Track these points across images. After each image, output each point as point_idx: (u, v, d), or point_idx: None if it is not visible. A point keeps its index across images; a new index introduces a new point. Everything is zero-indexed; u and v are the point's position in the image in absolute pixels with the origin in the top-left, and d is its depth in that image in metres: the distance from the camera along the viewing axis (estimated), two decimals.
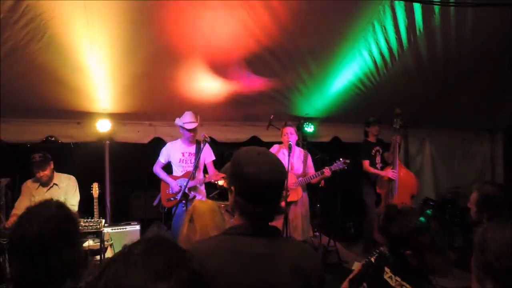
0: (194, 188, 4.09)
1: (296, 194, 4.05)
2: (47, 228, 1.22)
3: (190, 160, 4.13)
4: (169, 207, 4.14)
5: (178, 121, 4.04)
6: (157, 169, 4.15)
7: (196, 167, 3.98)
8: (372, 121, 5.03)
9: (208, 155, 4.21)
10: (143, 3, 3.25)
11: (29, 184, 3.79)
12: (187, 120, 3.99)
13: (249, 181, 1.15)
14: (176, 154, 4.13)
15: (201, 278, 0.70)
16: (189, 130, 3.98)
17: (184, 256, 0.71)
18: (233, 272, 1.10)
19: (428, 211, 1.53)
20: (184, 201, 3.88)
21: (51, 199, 1.37)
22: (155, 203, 4.32)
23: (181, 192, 3.86)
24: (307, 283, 1.14)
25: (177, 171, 4.14)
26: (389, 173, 4.63)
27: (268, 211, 1.19)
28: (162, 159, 4.15)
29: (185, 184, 3.81)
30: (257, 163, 1.17)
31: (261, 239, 1.17)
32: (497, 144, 6.76)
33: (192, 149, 4.15)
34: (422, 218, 1.50)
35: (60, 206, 1.33)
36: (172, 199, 4.11)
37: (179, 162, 4.12)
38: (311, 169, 4.24)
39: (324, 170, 3.94)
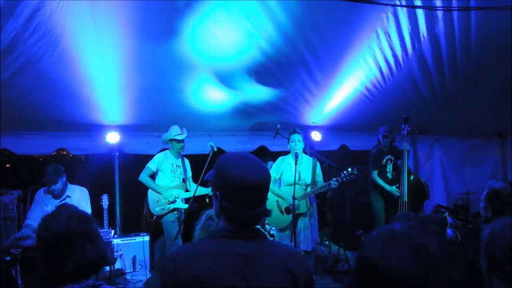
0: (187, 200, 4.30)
1: (304, 205, 4.03)
2: (72, 226, 1.34)
3: (177, 171, 4.36)
4: (159, 216, 4.21)
5: (167, 136, 4.28)
6: (146, 177, 4.25)
7: (185, 179, 4.36)
8: (381, 131, 4.96)
9: (189, 170, 4.49)
10: (150, 17, 3.34)
11: (42, 194, 3.84)
12: (177, 132, 4.25)
13: (235, 184, 1.15)
14: (168, 164, 4.31)
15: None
16: (180, 141, 4.25)
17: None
18: (216, 274, 1.09)
19: (448, 219, 1.46)
20: (179, 210, 4.22)
21: (66, 203, 1.49)
22: (145, 212, 4.38)
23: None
24: (295, 284, 1.13)
25: (167, 181, 4.28)
26: (392, 189, 4.66)
27: (255, 213, 1.18)
28: (153, 167, 4.26)
29: (180, 194, 4.25)
30: (241, 166, 1.17)
31: (247, 241, 1.17)
32: (507, 148, 6.67)
33: (179, 161, 4.40)
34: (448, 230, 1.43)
35: (76, 208, 1.46)
36: (163, 208, 4.19)
37: (170, 172, 4.31)
38: (319, 177, 4.20)
39: (331, 182, 3.88)
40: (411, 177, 4.69)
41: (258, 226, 1.29)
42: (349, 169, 3.90)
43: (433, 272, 0.65)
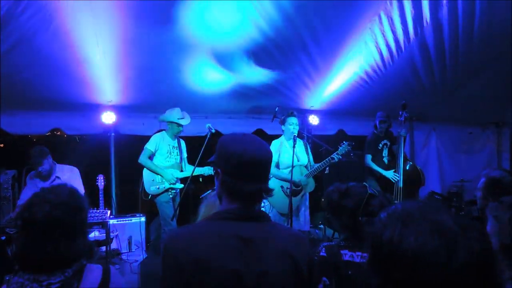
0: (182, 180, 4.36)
1: (312, 184, 4.16)
2: (55, 214, 1.25)
3: (174, 152, 4.38)
4: (153, 195, 4.24)
5: (169, 117, 4.24)
6: (146, 159, 4.23)
7: (181, 159, 4.40)
8: (379, 116, 4.96)
9: (184, 151, 4.51)
10: None
11: (32, 177, 3.81)
12: (180, 116, 4.26)
13: (236, 158, 1.16)
14: (164, 145, 4.32)
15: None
16: (180, 125, 4.27)
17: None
18: (217, 257, 1.08)
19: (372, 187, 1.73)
20: (174, 190, 4.27)
21: (66, 185, 1.38)
22: (140, 190, 4.41)
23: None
24: (295, 268, 1.14)
25: (162, 161, 4.29)
26: (389, 174, 4.65)
27: (256, 188, 1.18)
28: (152, 148, 4.25)
29: (174, 174, 4.27)
30: (242, 142, 1.20)
31: (248, 223, 1.16)
32: (503, 138, 6.70)
33: (175, 142, 4.41)
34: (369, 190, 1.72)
35: (73, 194, 1.35)
36: (159, 187, 4.21)
37: (167, 153, 4.32)
38: (311, 157, 4.33)
39: (333, 155, 4.01)
40: (407, 165, 4.71)
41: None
42: (344, 141, 4.01)
43: (455, 248, 0.65)
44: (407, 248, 0.68)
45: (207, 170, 4.21)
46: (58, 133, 5.02)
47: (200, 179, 4.33)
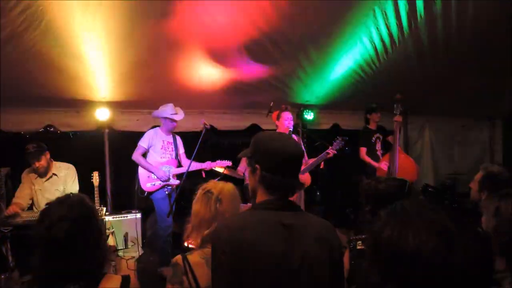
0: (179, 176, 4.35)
1: (308, 179, 4.18)
2: (75, 229, 1.26)
3: (169, 148, 4.36)
4: (150, 191, 4.23)
5: (162, 113, 4.22)
6: (139, 156, 4.20)
7: (177, 155, 4.37)
8: (373, 107, 5.01)
9: (181, 146, 4.48)
10: None
11: (28, 174, 3.77)
12: (173, 111, 4.23)
13: (277, 154, 1.28)
14: (158, 141, 4.29)
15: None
16: (174, 121, 4.24)
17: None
18: (267, 242, 1.19)
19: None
20: (169, 187, 4.25)
21: (71, 195, 1.38)
22: (136, 187, 4.38)
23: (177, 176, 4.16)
24: (331, 251, 1.26)
25: (157, 157, 4.26)
26: (381, 164, 4.68)
27: (293, 182, 1.31)
28: (145, 145, 4.22)
29: (171, 170, 4.27)
30: (282, 140, 1.33)
31: (286, 212, 1.28)
32: (496, 131, 6.77)
33: (170, 138, 4.39)
34: None
35: (83, 203, 1.35)
36: (154, 184, 4.20)
37: (161, 149, 4.29)
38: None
39: (328, 151, 4.08)
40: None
41: None
42: (338, 137, 4.15)
43: (453, 247, 0.66)
44: (406, 247, 0.68)
45: (207, 165, 4.22)
46: (52, 129, 4.97)
47: (203, 175, 4.30)
